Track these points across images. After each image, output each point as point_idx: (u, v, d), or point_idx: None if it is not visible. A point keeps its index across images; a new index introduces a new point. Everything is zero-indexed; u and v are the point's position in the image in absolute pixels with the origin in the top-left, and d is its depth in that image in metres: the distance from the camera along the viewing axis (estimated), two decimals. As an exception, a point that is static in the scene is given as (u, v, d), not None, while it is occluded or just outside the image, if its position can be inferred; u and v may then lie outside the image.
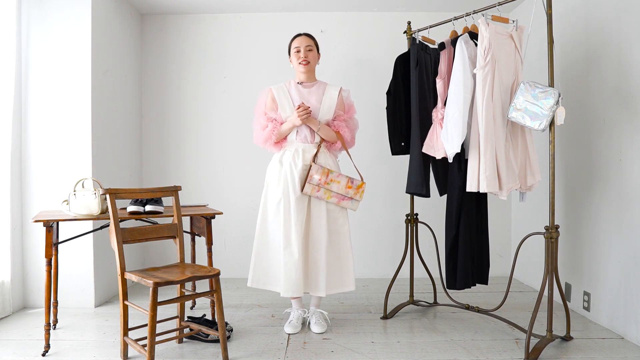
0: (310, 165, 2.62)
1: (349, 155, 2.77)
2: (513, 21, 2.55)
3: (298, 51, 2.70)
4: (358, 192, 2.69)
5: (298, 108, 2.60)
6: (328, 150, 2.75)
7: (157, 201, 2.62)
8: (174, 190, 2.52)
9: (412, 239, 3.04)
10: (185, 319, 2.65)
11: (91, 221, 3.04)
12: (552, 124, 2.32)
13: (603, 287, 2.79)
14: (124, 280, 2.27)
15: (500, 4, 2.54)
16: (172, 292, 3.34)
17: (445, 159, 2.62)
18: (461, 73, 2.47)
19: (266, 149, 2.77)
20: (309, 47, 2.71)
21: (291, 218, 2.62)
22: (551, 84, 2.35)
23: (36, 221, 2.35)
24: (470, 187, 2.48)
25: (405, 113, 2.87)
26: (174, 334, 2.58)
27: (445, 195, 2.83)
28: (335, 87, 2.76)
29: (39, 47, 3.17)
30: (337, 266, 2.69)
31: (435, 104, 2.73)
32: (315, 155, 2.66)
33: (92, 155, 3.19)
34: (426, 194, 2.71)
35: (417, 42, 2.75)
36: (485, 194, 2.73)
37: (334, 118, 2.73)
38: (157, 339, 2.30)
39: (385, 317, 2.97)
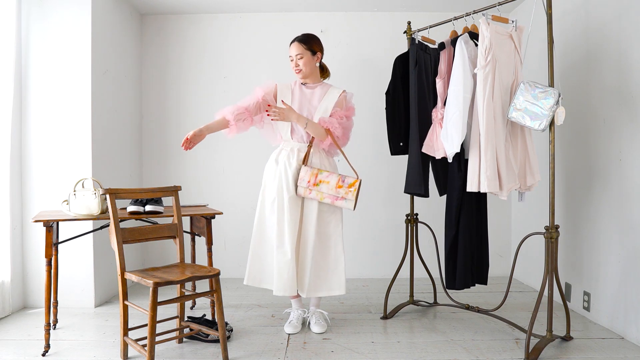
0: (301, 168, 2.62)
1: (342, 152, 2.69)
2: (513, 21, 2.54)
3: (292, 60, 2.72)
4: (350, 190, 2.56)
5: (269, 106, 2.61)
6: (323, 151, 2.71)
7: (157, 201, 2.62)
8: (174, 190, 2.52)
9: (412, 239, 3.04)
10: (185, 319, 2.65)
11: (91, 221, 3.04)
12: (552, 124, 2.32)
13: (603, 287, 2.79)
14: (124, 280, 2.27)
15: (500, 4, 2.54)
16: (172, 292, 3.34)
17: (444, 159, 2.62)
18: (461, 73, 2.47)
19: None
20: (299, 55, 2.68)
21: (284, 217, 2.62)
22: (551, 84, 2.35)
23: (36, 221, 2.35)
24: (471, 187, 2.47)
25: (404, 113, 2.87)
26: (174, 334, 2.58)
27: (445, 195, 2.83)
28: (338, 89, 2.75)
29: (39, 46, 3.17)
30: (325, 269, 2.67)
31: (434, 104, 2.73)
32: (306, 156, 2.65)
33: (92, 155, 3.19)
34: (424, 193, 2.71)
35: (417, 42, 2.75)
36: (485, 194, 2.73)
37: (330, 115, 2.67)
38: (157, 339, 2.30)
39: (385, 317, 2.97)
